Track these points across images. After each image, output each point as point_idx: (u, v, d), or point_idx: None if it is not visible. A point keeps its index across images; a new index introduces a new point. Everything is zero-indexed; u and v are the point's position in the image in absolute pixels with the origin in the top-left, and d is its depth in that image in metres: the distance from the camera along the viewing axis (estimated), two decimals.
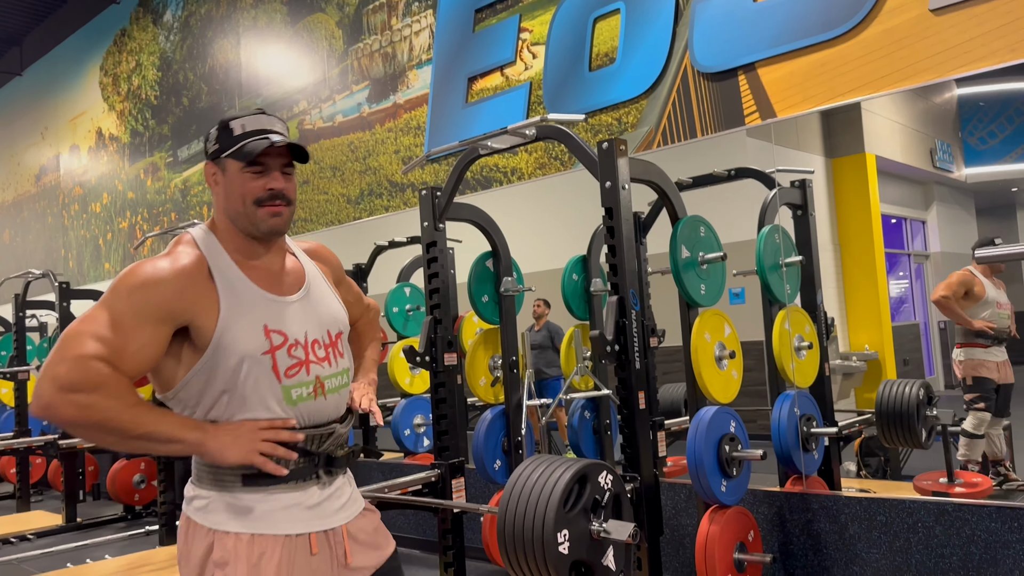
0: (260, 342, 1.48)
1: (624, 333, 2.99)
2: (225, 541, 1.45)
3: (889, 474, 5.38)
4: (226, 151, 1.52)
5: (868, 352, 7.66)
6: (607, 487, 2.40)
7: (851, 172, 8.84)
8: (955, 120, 11.12)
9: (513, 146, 3.35)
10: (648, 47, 3.91)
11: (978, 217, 13.08)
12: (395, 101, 5.32)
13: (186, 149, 7.49)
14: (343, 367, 1.62)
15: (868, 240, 8.77)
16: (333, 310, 1.65)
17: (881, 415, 4.09)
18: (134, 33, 8.22)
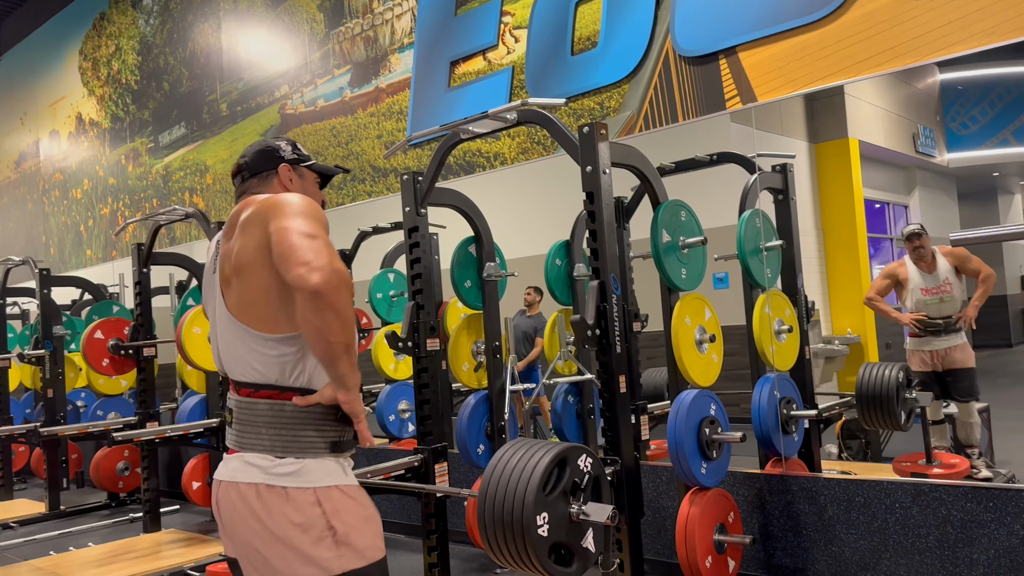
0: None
1: (605, 317, 3.00)
2: (331, 493, 1.70)
3: (870, 456, 5.43)
4: (307, 162, 1.96)
5: (851, 336, 7.71)
6: (587, 470, 2.42)
7: (834, 157, 8.87)
8: (937, 105, 11.17)
9: (494, 131, 3.34)
10: (630, 31, 3.90)
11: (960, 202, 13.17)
12: (377, 85, 5.28)
13: (167, 134, 7.42)
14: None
15: (851, 225, 8.81)
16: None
17: (861, 398, 4.13)
18: (113, 17, 8.12)
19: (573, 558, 2.36)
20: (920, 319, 4.91)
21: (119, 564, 4.46)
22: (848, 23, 3.20)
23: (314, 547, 1.64)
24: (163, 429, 4.68)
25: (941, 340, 4.83)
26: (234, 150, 6.64)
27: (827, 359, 7.81)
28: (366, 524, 1.73)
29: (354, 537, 1.69)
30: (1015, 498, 2.88)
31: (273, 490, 1.66)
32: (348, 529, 1.68)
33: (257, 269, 1.68)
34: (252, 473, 1.68)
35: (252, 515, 1.66)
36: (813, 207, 8.90)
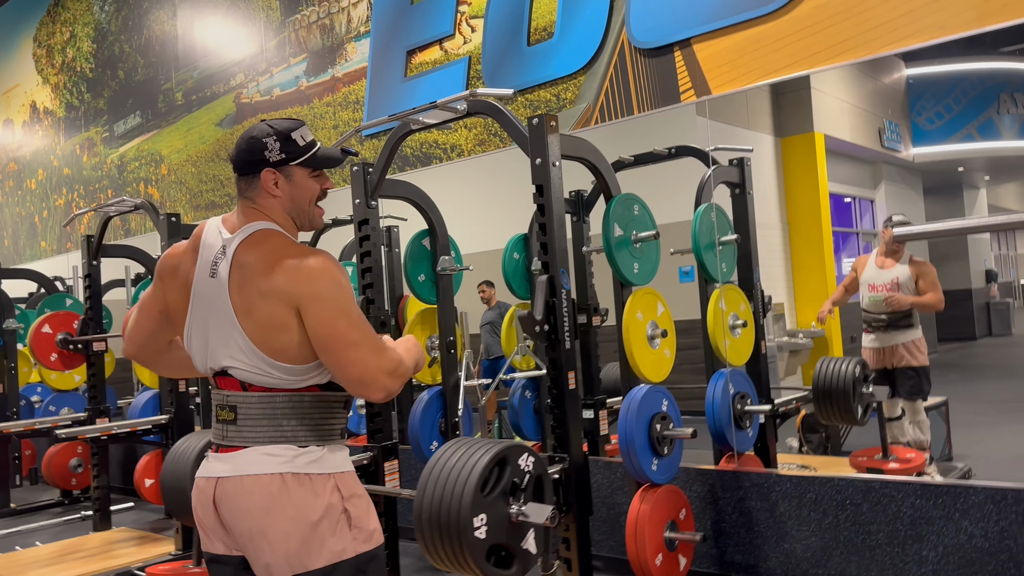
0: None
1: (554, 312, 2.95)
2: (346, 478, 1.76)
3: (830, 450, 5.45)
4: (298, 159, 1.76)
5: (815, 330, 7.76)
6: (527, 469, 2.36)
7: (800, 151, 8.90)
8: (904, 100, 11.26)
9: (445, 121, 3.27)
10: (586, 21, 3.85)
11: (926, 196, 13.30)
12: (333, 74, 5.18)
13: (122, 124, 7.24)
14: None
15: (816, 219, 8.85)
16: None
17: (817, 392, 4.13)
18: (67, 3, 7.90)
19: (513, 560, 2.31)
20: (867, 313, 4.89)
21: (65, 564, 4.35)
22: (802, 15, 3.16)
23: (334, 531, 1.69)
24: (110, 426, 4.56)
25: (887, 336, 4.80)
26: (189, 140, 6.50)
27: (792, 353, 7.85)
28: (371, 508, 1.80)
29: (364, 520, 1.75)
30: (964, 495, 2.88)
31: (298, 478, 1.69)
32: (360, 513, 1.75)
33: (289, 330, 1.69)
34: (273, 464, 1.69)
35: (272, 505, 1.67)
36: (779, 201, 8.94)
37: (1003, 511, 2.78)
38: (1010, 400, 7.74)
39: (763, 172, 8.54)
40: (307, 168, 1.78)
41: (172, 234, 4.44)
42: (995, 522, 2.80)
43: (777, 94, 8.71)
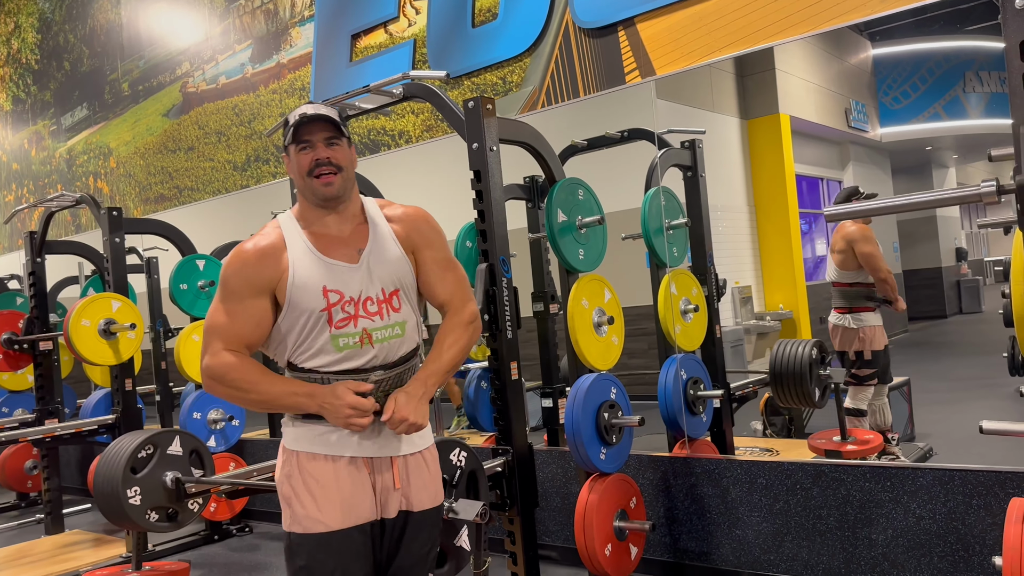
0: (317, 300, 1.79)
1: (495, 302, 2.87)
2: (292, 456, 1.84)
3: (793, 432, 5.42)
4: (286, 140, 1.84)
5: (783, 312, 7.74)
6: (459, 465, 2.29)
7: (765, 133, 8.84)
8: (870, 80, 11.24)
9: (382, 106, 3.17)
10: (529, 2, 3.75)
11: (894, 176, 13.34)
12: (279, 61, 5.04)
13: (70, 116, 7.05)
14: (396, 320, 1.85)
15: (783, 200, 8.81)
16: (391, 270, 1.86)
17: (774, 375, 4.08)
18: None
19: (446, 558, 2.23)
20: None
21: (13, 570, 4.24)
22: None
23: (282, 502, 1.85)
24: (53, 427, 4.44)
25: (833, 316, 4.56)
26: (136, 132, 6.34)
27: (759, 335, 7.83)
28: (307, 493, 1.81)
29: (293, 503, 1.81)
30: (912, 477, 2.84)
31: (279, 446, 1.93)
32: (289, 493, 1.83)
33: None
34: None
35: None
36: (745, 183, 8.89)
37: (950, 493, 2.75)
38: (975, 377, 7.77)
39: (729, 154, 8.49)
40: (293, 144, 1.83)
41: (114, 228, 4.31)
42: (943, 503, 2.76)
43: (742, 76, 8.65)
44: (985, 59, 11.88)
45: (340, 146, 1.83)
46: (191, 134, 5.79)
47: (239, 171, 5.42)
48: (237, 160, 5.41)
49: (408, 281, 1.89)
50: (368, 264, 1.84)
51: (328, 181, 1.80)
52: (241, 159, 5.38)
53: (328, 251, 1.84)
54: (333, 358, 1.81)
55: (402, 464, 1.85)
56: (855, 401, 4.42)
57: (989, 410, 6.05)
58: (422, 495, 1.88)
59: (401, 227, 1.92)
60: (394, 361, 1.85)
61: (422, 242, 1.93)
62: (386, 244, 1.88)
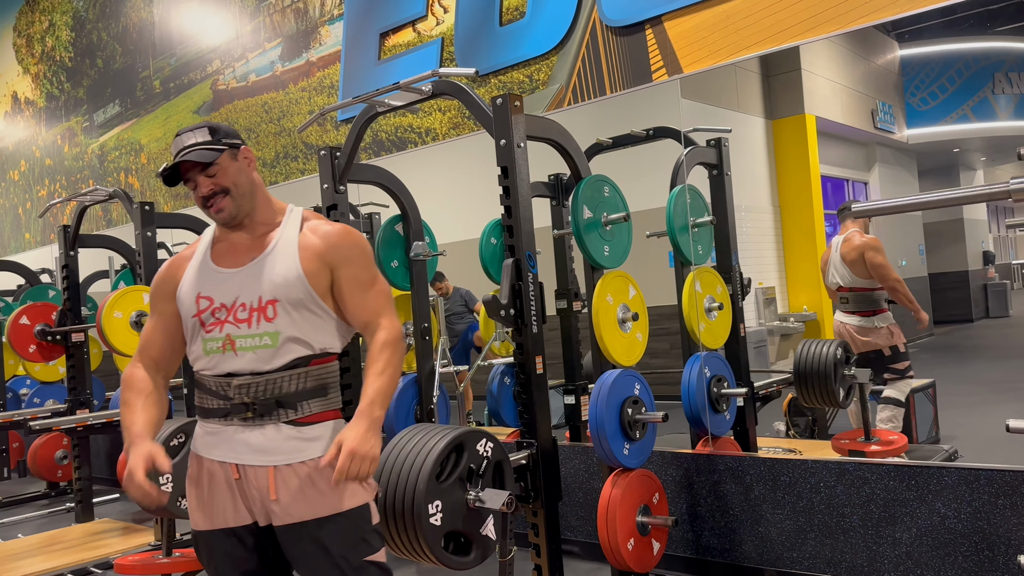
0: (191, 306, 1.84)
1: (520, 297, 2.90)
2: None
3: (816, 433, 5.41)
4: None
5: (807, 313, 7.70)
6: (486, 455, 2.32)
7: (791, 133, 8.79)
8: (897, 81, 11.13)
9: (411, 103, 3.21)
10: (556, 0, 3.78)
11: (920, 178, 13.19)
12: (308, 59, 5.11)
13: (102, 113, 7.18)
14: (267, 330, 1.81)
15: (808, 201, 8.76)
16: (275, 280, 1.81)
17: (798, 375, 4.09)
18: None
19: (472, 546, 2.27)
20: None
21: (44, 556, 4.33)
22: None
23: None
24: (85, 417, 4.53)
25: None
26: (167, 128, 6.44)
27: (783, 336, 7.80)
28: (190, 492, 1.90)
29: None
30: (937, 476, 2.84)
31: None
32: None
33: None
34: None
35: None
36: (770, 184, 8.85)
37: (976, 492, 2.74)
38: (1002, 381, 7.68)
39: (754, 154, 8.45)
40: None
41: (146, 223, 4.39)
42: (968, 503, 2.76)
43: (767, 76, 8.61)
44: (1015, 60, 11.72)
45: (219, 167, 1.82)
46: None
47: (268, 168, 5.50)
48: (266, 157, 5.48)
49: (294, 294, 1.81)
50: (250, 271, 1.83)
51: (219, 208, 1.83)
52: (270, 156, 5.46)
53: (221, 259, 1.87)
54: (205, 362, 1.83)
55: (279, 473, 1.79)
56: (898, 392, 4.51)
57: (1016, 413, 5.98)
58: (298, 507, 1.78)
59: (321, 242, 1.87)
60: (267, 370, 1.80)
61: (340, 259, 1.87)
62: (282, 254, 1.84)
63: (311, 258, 1.84)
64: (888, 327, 4.49)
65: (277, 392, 1.80)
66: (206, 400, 1.84)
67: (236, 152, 1.86)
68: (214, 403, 1.82)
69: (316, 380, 1.83)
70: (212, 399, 1.83)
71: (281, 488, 1.78)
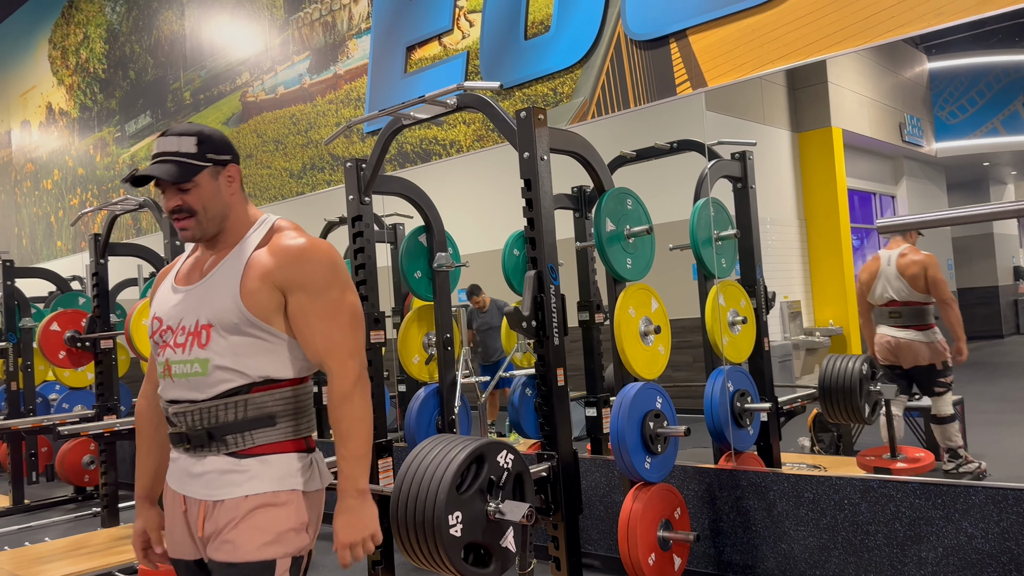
0: (150, 328, 1.78)
1: (542, 309, 2.91)
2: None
3: (842, 449, 5.35)
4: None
5: (832, 327, 7.62)
6: (506, 467, 2.33)
7: (817, 146, 8.74)
8: (926, 94, 11.03)
9: (436, 116, 3.24)
10: (582, 14, 3.80)
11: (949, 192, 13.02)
12: (335, 72, 5.17)
13: (133, 124, 7.31)
14: (197, 356, 1.66)
15: (834, 215, 8.69)
16: (212, 303, 1.67)
17: (823, 390, 4.05)
18: (81, 5, 7.99)
19: (491, 558, 2.27)
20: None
21: (70, 560, 4.38)
22: (797, 5, 3.10)
23: None
24: (113, 423, 4.59)
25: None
26: None
27: (808, 351, 7.73)
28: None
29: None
30: (964, 495, 2.80)
31: None
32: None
33: None
34: None
35: None
36: (795, 197, 8.80)
37: (1004, 512, 2.70)
38: None
39: (780, 167, 8.42)
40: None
41: (174, 232, 4.45)
42: (996, 523, 2.72)
43: (794, 88, 8.58)
44: None
45: (195, 185, 1.66)
46: (250, 142, 5.96)
47: (295, 178, 5.56)
48: (294, 168, 5.55)
49: (227, 318, 1.64)
50: (196, 292, 1.70)
51: (183, 226, 1.69)
52: (297, 167, 5.52)
53: (183, 275, 1.76)
54: (160, 385, 1.75)
55: (209, 508, 1.66)
56: (948, 406, 4.47)
57: None
58: (223, 547, 1.64)
59: (273, 260, 1.67)
60: (206, 398, 1.66)
61: (294, 282, 1.66)
62: (226, 274, 1.68)
63: (256, 278, 1.66)
64: (939, 341, 4.50)
65: (212, 422, 1.66)
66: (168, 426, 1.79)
67: (219, 170, 1.69)
68: (170, 429, 1.74)
69: (259, 409, 1.66)
70: (168, 426, 1.75)
71: (208, 524, 1.65)
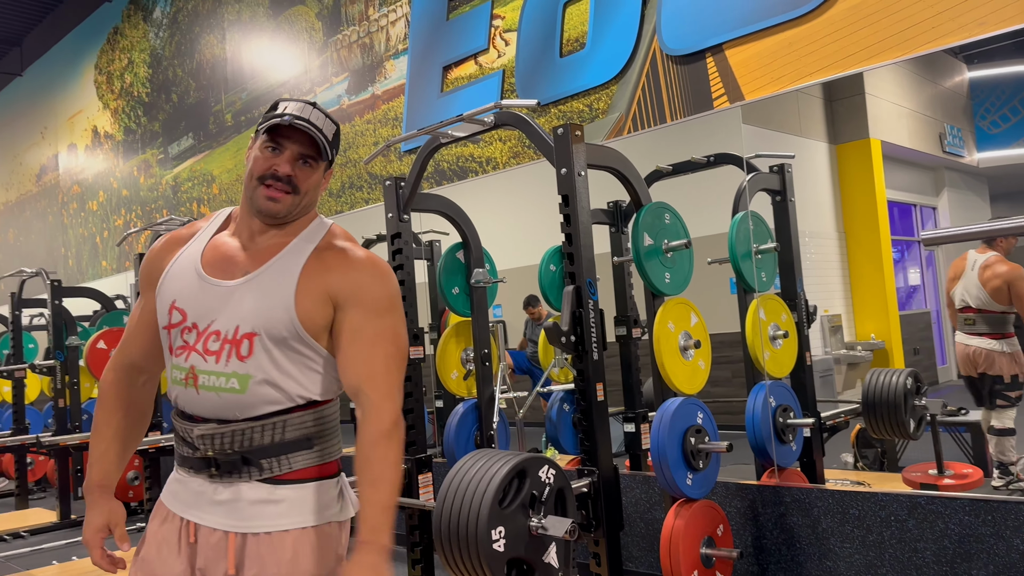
0: (164, 316, 1.50)
1: (581, 323, 2.91)
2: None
3: (886, 465, 5.25)
4: (260, 125, 1.47)
5: (874, 341, 7.51)
6: (548, 482, 2.33)
7: (855, 158, 8.64)
8: (966, 104, 10.86)
9: (474, 134, 3.28)
10: (617, 31, 3.82)
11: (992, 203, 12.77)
12: (373, 92, 5.25)
13: (176, 145, 7.49)
14: (236, 371, 1.42)
15: (874, 227, 8.57)
16: (260, 306, 1.43)
17: (867, 405, 3.98)
18: (126, 31, 8.23)
19: (533, 574, 2.27)
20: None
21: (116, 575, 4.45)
22: (834, 17, 3.08)
23: None
24: (158, 439, 4.67)
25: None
26: (238, 160, 6.67)
27: (850, 365, 7.61)
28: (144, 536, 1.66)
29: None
30: (1015, 511, 2.73)
31: None
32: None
33: None
34: None
35: None
36: (834, 209, 8.70)
37: None
38: None
39: (817, 180, 8.34)
40: (264, 135, 1.46)
41: None
42: None
43: (831, 100, 8.51)
44: None
45: (312, 168, 1.49)
46: None
47: (334, 197, 5.65)
48: (332, 187, 5.64)
49: (279, 330, 1.43)
50: (238, 290, 1.45)
51: (274, 196, 1.45)
52: (336, 186, 5.61)
53: (215, 262, 1.49)
54: (171, 390, 1.50)
55: (240, 541, 1.45)
56: (1010, 420, 4.38)
57: None
58: None
59: (335, 270, 1.48)
60: (234, 419, 1.45)
61: (353, 297, 1.47)
62: (281, 275, 1.46)
63: (313, 288, 1.45)
64: (1015, 353, 4.42)
65: (246, 445, 1.44)
66: (178, 442, 1.53)
67: (330, 168, 1.56)
68: (184, 449, 1.50)
69: (297, 430, 1.46)
70: (181, 444, 1.51)
71: (247, 561, 1.44)
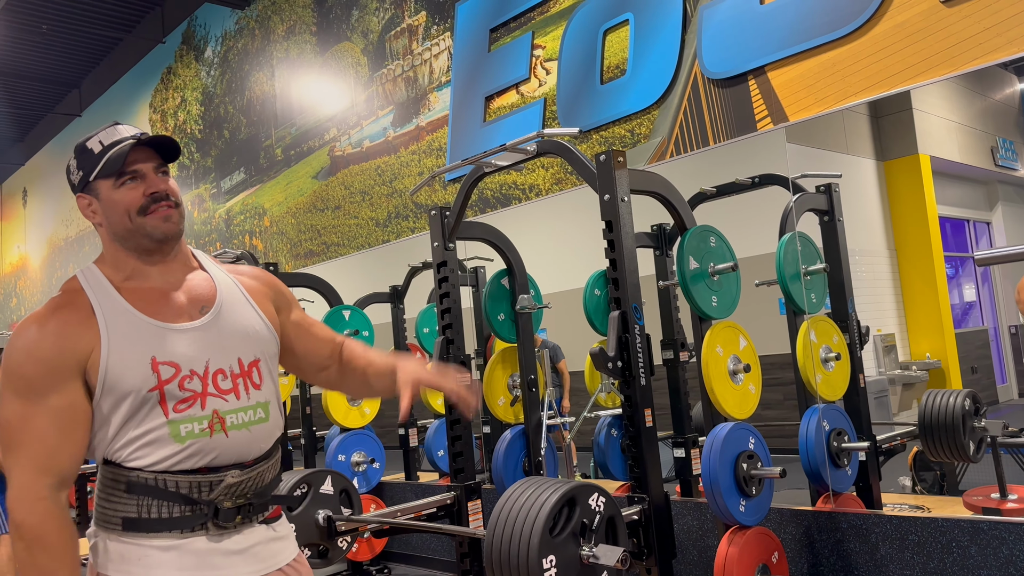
0: (146, 376, 1.35)
1: (627, 348, 2.91)
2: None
3: (946, 489, 5.10)
4: (92, 173, 1.41)
5: (930, 361, 7.33)
6: (598, 510, 2.32)
7: (905, 174, 8.49)
8: (1018, 116, 10.61)
9: (516, 163, 3.32)
10: (657, 56, 3.84)
11: None
12: (418, 124, 5.35)
13: (228, 180, 7.70)
14: (258, 400, 1.44)
15: (926, 244, 8.39)
16: (249, 334, 1.46)
17: (924, 428, 3.89)
18: (179, 70, 8.53)
19: None
20: None
21: None
22: (878, 36, 3.07)
23: None
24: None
25: None
26: (288, 193, 6.84)
27: (904, 386, 7.43)
28: None
29: None
30: None
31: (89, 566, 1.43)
32: None
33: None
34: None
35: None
36: (884, 227, 8.55)
37: None
38: None
39: (866, 197, 8.20)
40: (108, 178, 1.40)
41: None
42: None
43: (877, 117, 8.39)
44: None
45: (170, 177, 1.47)
46: (337, 194, 6.21)
47: (381, 227, 5.75)
48: (379, 217, 5.74)
49: (271, 350, 1.50)
50: (215, 327, 1.43)
51: (167, 214, 1.42)
52: (383, 216, 5.71)
53: (155, 310, 1.40)
54: (172, 453, 1.36)
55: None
56: None
57: None
58: None
59: (258, 284, 1.56)
60: (255, 457, 1.43)
61: (284, 303, 1.60)
62: (236, 302, 1.48)
63: (262, 303, 1.53)
64: None
65: (261, 486, 1.45)
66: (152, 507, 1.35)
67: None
68: (174, 510, 1.36)
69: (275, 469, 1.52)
70: (171, 505, 1.36)
71: None
